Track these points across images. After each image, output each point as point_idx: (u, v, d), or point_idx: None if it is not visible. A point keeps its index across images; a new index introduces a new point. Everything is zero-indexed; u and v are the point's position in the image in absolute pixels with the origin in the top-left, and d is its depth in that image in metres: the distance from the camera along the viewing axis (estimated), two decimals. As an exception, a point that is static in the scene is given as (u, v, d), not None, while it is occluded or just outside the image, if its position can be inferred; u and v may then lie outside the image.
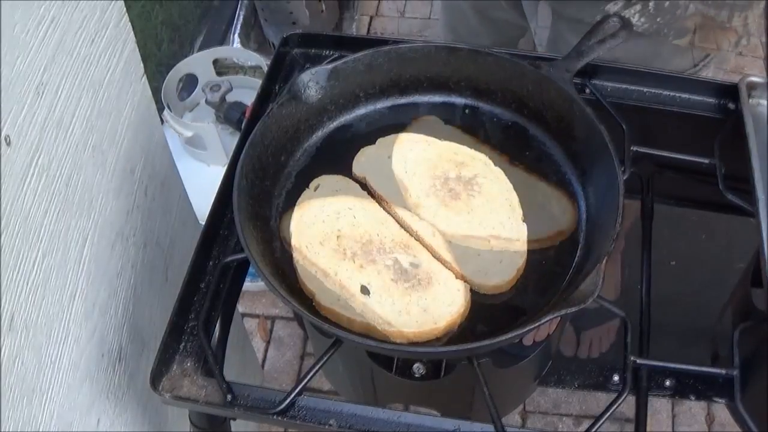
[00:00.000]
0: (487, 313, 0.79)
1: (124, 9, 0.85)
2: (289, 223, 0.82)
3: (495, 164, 0.88)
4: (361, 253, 0.81)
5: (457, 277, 0.79)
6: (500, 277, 0.80)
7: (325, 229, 0.82)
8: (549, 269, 0.81)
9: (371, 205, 0.85)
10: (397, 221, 0.84)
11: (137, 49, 0.89)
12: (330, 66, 0.90)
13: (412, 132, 0.91)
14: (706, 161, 0.96)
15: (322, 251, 0.80)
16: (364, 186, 0.87)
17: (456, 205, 0.85)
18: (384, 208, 0.85)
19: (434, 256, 0.81)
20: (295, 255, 0.81)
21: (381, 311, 0.76)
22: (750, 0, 1.12)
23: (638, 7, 1.09)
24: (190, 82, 1.81)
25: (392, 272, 0.79)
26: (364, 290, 0.78)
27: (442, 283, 0.79)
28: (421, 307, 0.77)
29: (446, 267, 0.80)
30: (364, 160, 0.89)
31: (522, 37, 1.34)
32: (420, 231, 0.83)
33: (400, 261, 0.80)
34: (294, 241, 0.81)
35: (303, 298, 0.79)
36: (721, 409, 1.68)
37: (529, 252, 0.82)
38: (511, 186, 0.86)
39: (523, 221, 0.83)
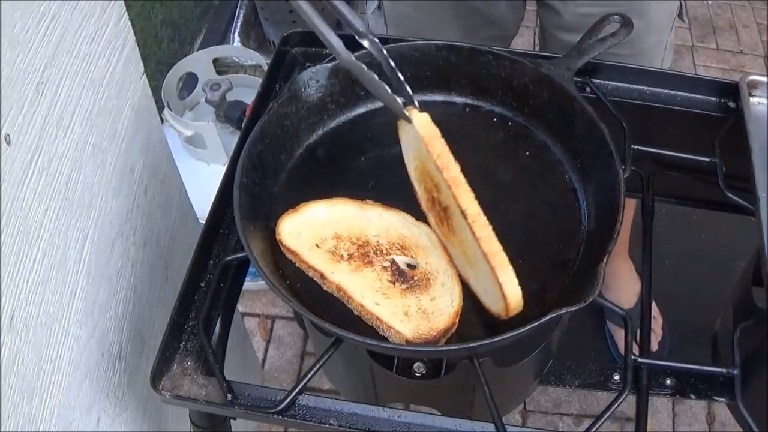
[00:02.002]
0: (487, 312, 0.78)
1: (124, 8, 0.85)
2: (286, 225, 0.82)
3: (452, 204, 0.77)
4: (357, 254, 0.80)
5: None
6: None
7: (322, 231, 0.82)
8: (550, 268, 0.81)
9: (368, 207, 0.84)
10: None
11: (137, 48, 0.89)
12: (330, 64, 0.90)
13: (403, 131, 0.84)
14: (707, 160, 0.96)
15: (318, 253, 0.80)
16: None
17: (442, 230, 0.81)
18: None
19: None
20: (292, 258, 0.81)
21: (379, 313, 0.76)
22: None
23: None
24: (190, 81, 1.81)
25: (389, 274, 0.79)
26: (362, 292, 0.77)
27: (440, 283, 0.79)
28: (420, 308, 0.77)
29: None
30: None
31: (514, 35, 1.34)
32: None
33: (397, 262, 0.80)
34: (291, 244, 0.81)
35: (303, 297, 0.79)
36: (721, 408, 1.68)
37: (530, 251, 0.82)
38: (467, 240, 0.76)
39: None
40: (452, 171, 0.75)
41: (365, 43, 0.79)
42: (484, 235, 0.73)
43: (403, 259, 0.80)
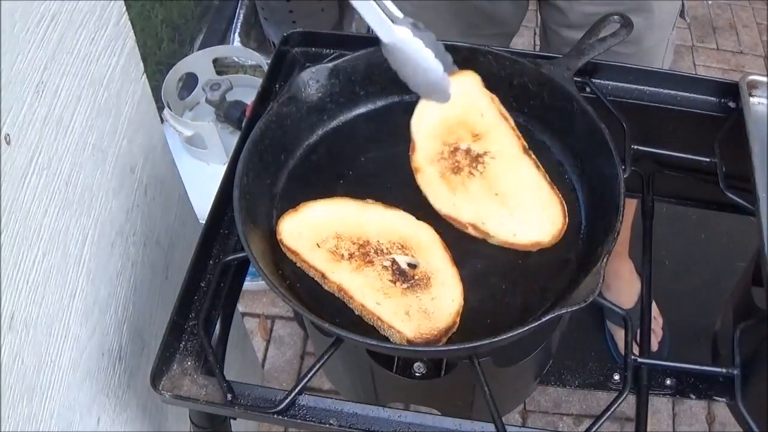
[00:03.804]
0: (487, 311, 0.78)
1: (124, 7, 0.85)
2: (286, 225, 0.82)
3: (508, 147, 0.87)
4: (358, 254, 0.80)
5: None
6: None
7: (322, 230, 0.82)
8: (550, 268, 0.81)
9: (368, 206, 0.84)
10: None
11: (137, 48, 0.89)
12: (330, 64, 0.90)
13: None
14: (707, 160, 0.96)
15: (319, 253, 0.80)
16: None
17: (453, 179, 0.85)
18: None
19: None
20: (293, 257, 0.81)
21: (380, 313, 0.76)
22: None
23: None
24: (190, 81, 1.81)
25: (390, 273, 0.79)
26: (363, 292, 0.77)
27: (440, 282, 0.79)
28: (421, 308, 0.77)
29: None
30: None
31: (515, 33, 1.34)
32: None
33: (398, 262, 0.80)
34: (291, 244, 0.81)
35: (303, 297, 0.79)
36: (721, 408, 1.68)
37: (530, 250, 0.82)
38: (514, 175, 0.85)
39: (508, 219, 0.82)
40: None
41: (404, 28, 0.83)
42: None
43: (404, 258, 0.80)
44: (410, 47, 0.83)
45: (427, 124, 0.87)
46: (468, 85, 0.90)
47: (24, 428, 0.71)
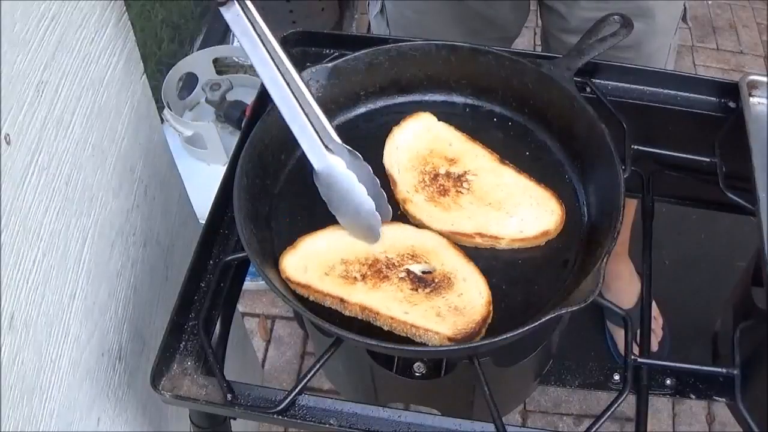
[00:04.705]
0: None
1: (124, 8, 0.85)
2: (289, 262, 0.80)
3: (486, 162, 0.88)
4: (370, 273, 0.79)
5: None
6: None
7: (327, 259, 0.80)
8: (550, 268, 0.81)
9: None
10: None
11: (137, 48, 0.89)
12: (330, 65, 0.90)
13: (405, 128, 0.91)
14: (707, 160, 0.96)
15: (330, 280, 0.78)
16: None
17: (444, 201, 0.85)
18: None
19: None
20: (305, 292, 0.78)
21: (412, 321, 0.75)
22: None
23: None
24: (190, 81, 1.81)
25: (409, 283, 0.78)
26: (387, 306, 0.76)
27: (461, 279, 0.78)
28: (451, 306, 0.76)
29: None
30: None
31: (516, 37, 1.34)
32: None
33: (413, 271, 0.79)
34: (300, 279, 0.78)
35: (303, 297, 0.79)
36: (721, 408, 1.68)
37: (530, 250, 0.82)
38: (499, 184, 0.86)
39: (510, 219, 0.83)
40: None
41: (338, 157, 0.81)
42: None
43: (418, 266, 0.79)
44: (342, 178, 0.80)
45: (399, 160, 0.88)
46: (427, 121, 0.91)
47: (24, 428, 0.70)
